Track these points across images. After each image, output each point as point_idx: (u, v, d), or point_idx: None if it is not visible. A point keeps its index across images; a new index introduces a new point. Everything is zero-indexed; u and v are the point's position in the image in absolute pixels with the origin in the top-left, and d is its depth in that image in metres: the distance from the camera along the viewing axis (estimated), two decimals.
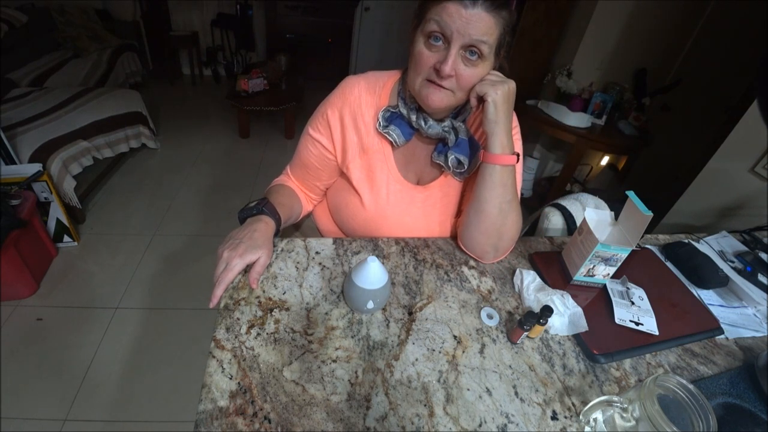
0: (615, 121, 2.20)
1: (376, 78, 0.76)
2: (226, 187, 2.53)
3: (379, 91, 0.75)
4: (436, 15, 0.59)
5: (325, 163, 0.81)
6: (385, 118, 0.73)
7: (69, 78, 2.79)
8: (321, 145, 0.79)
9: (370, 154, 0.77)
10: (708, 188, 1.34)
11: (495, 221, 0.70)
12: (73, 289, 1.72)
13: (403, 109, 0.72)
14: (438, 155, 0.74)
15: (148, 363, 1.47)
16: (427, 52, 0.62)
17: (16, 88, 2.44)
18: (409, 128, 0.73)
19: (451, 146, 0.72)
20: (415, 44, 0.63)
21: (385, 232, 0.81)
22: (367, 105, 0.75)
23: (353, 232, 0.85)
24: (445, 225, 0.83)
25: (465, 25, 0.57)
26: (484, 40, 0.59)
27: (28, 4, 2.96)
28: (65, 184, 1.91)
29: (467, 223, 0.74)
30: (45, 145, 1.90)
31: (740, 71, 1.81)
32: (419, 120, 0.70)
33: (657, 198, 1.28)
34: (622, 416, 0.48)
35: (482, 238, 0.72)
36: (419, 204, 0.80)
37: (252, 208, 0.71)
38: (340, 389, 0.52)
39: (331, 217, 0.90)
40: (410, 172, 0.80)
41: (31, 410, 1.29)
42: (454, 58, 0.60)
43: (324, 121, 0.77)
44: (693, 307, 0.73)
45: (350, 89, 0.75)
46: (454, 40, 0.59)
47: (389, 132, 0.72)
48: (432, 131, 0.70)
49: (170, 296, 1.73)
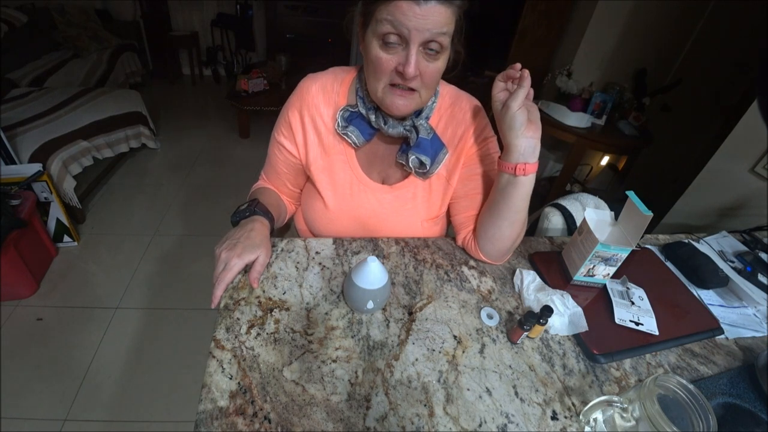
0: (615, 121, 2.20)
1: (335, 75, 0.74)
2: (226, 187, 2.53)
3: (338, 88, 0.73)
4: (388, 15, 0.55)
5: (293, 167, 0.80)
6: (344, 118, 0.70)
7: (69, 78, 2.80)
8: (285, 149, 0.77)
9: (331, 155, 0.75)
10: (708, 188, 1.34)
11: (517, 228, 0.70)
12: (73, 289, 1.72)
13: (362, 109, 0.69)
14: (401, 155, 0.72)
15: (148, 363, 1.47)
16: (386, 56, 0.58)
17: (16, 88, 2.44)
18: (369, 128, 0.71)
19: (412, 146, 0.69)
20: (370, 48, 0.59)
21: (352, 233, 0.80)
22: (325, 104, 0.73)
23: (321, 235, 0.83)
24: (424, 226, 0.80)
25: (422, 21, 0.54)
26: (444, 31, 0.56)
27: (28, 4, 2.96)
28: (65, 184, 1.91)
29: (488, 229, 0.71)
30: (45, 145, 1.90)
31: (740, 71, 1.81)
32: (379, 120, 0.68)
33: (657, 198, 1.28)
34: (622, 416, 0.48)
35: (501, 244, 0.72)
36: (387, 204, 0.78)
37: (245, 210, 0.71)
38: (340, 389, 0.52)
39: (303, 221, 0.88)
40: (374, 172, 0.77)
41: (31, 410, 1.29)
42: (415, 57, 0.57)
43: (286, 124, 0.75)
44: (693, 307, 0.73)
45: (307, 89, 0.73)
46: (412, 39, 0.55)
47: (347, 133, 0.70)
48: (393, 131, 0.68)
49: (170, 296, 1.73)
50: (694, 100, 2.10)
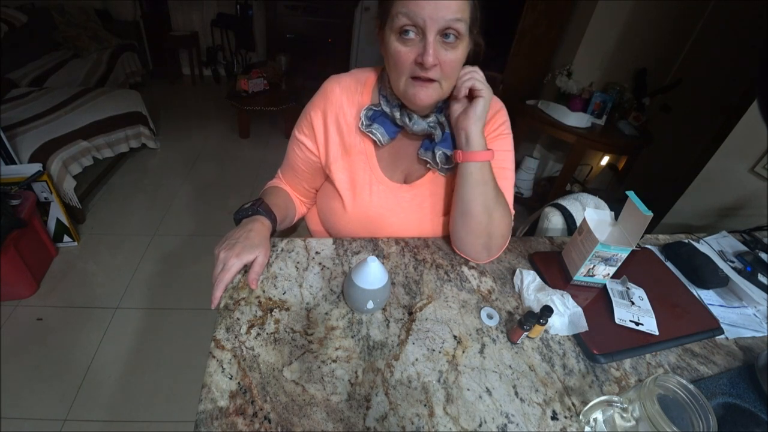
0: (615, 121, 2.20)
1: (358, 76, 0.75)
2: (226, 187, 2.53)
3: (361, 88, 0.74)
4: (403, 8, 0.57)
5: (311, 166, 0.80)
6: (368, 116, 0.71)
7: (69, 78, 2.80)
8: (306, 147, 0.78)
9: (352, 155, 0.76)
10: (708, 188, 1.34)
11: (481, 220, 0.69)
12: (73, 289, 1.72)
13: (386, 107, 0.70)
14: (425, 152, 0.73)
15: (148, 363, 1.47)
16: (404, 49, 0.60)
17: (16, 88, 2.44)
18: (393, 126, 0.72)
19: (438, 141, 0.71)
20: (389, 44, 0.61)
21: (372, 233, 0.80)
22: (348, 104, 0.74)
23: (339, 235, 0.83)
24: (437, 222, 0.81)
25: (435, 9, 0.55)
26: (459, 18, 0.57)
27: (28, 4, 2.96)
28: (65, 184, 1.91)
29: (455, 225, 0.73)
30: (45, 145, 1.90)
31: (740, 71, 1.81)
32: (403, 117, 0.69)
33: (657, 198, 1.28)
34: (622, 416, 0.48)
35: (472, 238, 0.72)
36: (406, 204, 0.78)
37: (247, 209, 0.71)
38: (340, 389, 0.52)
39: (320, 221, 0.89)
40: (397, 170, 0.78)
41: (31, 410, 1.29)
42: (433, 46, 0.58)
43: (308, 123, 0.76)
44: (693, 307, 0.73)
45: (332, 89, 0.74)
46: (428, 28, 0.57)
47: (372, 131, 0.71)
48: (417, 128, 0.69)
49: (170, 296, 1.73)
50: (694, 100, 2.10)
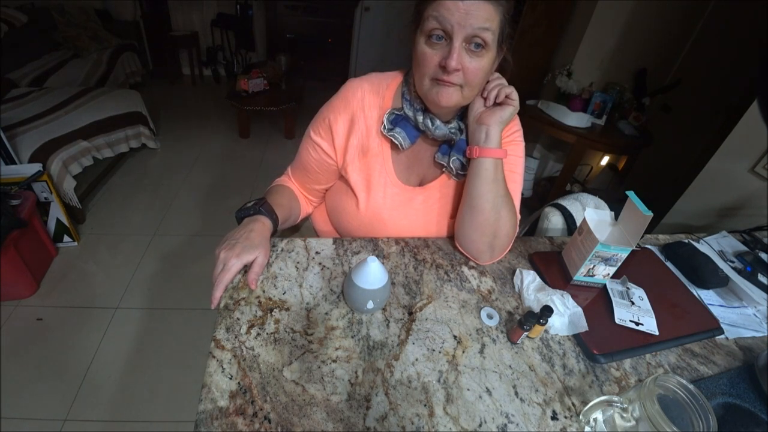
0: (615, 121, 2.20)
1: (380, 80, 0.76)
2: (226, 187, 2.53)
3: (383, 92, 0.74)
4: (434, 11, 0.58)
5: (325, 167, 0.80)
6: (390, 120, 0.72)
7: (69, 78, 2.80)
8: (321, 149, 0.78)
9: (369, 157, 0.76)
10: (708, 188, 1.34)
11: (489, 217, 0.70)
12: (73, 289, 1.72)
13: (408, 111, 0.71)
14: (442, 156, 0.73)
15: (148, 363, 1.47)
16: (430, 51, 0.61)
17: (16, 88, 2.44)
18: (414, 131, 0.72)
19: (453, 147, 0.72)
20: (417, 46, 0.63)
21: (381, 234, 0.81)
22: (370, 107, 0.74)
23: (349, 234, 0.84)
24: (442, 225, 0.82)
25: (464, 16, 0.57)
26: (487, 27, 0.58)
27: (28, 4, 2.96)
28: (65, 184, 1.91)
29: (462, 220, 0.73)
30: (45, 145, 1.90)
31: (740, 71, 1.81)
32: (426, 121, 0.70)
33: (657, 198, 1.28)
34: (622, 416, 0.48)
35: (477, 235, 0.72)
36: (417, 206, 0.79)
37: (249, 208, 0.71)
38: (340, 389, 0.52)
39: (329, 219, 0.89)
40: (413, 174, 0.79)
41: (31, 410, 1.29)
42: (458, 51, 0.59)
43: (325, 125, 0.76)
44: (693, 307, 0.73)
45: (353, 92, 0.74)
46: (455, 34, 0.58)
47: (394, 134, 0.71)
48: (439, 132, 0.70)
49: (170, 296, 1.73)
50: (694, 100, 2.10)
